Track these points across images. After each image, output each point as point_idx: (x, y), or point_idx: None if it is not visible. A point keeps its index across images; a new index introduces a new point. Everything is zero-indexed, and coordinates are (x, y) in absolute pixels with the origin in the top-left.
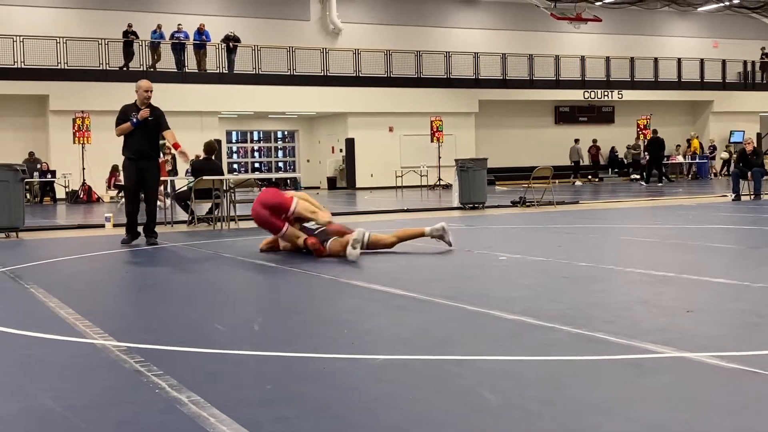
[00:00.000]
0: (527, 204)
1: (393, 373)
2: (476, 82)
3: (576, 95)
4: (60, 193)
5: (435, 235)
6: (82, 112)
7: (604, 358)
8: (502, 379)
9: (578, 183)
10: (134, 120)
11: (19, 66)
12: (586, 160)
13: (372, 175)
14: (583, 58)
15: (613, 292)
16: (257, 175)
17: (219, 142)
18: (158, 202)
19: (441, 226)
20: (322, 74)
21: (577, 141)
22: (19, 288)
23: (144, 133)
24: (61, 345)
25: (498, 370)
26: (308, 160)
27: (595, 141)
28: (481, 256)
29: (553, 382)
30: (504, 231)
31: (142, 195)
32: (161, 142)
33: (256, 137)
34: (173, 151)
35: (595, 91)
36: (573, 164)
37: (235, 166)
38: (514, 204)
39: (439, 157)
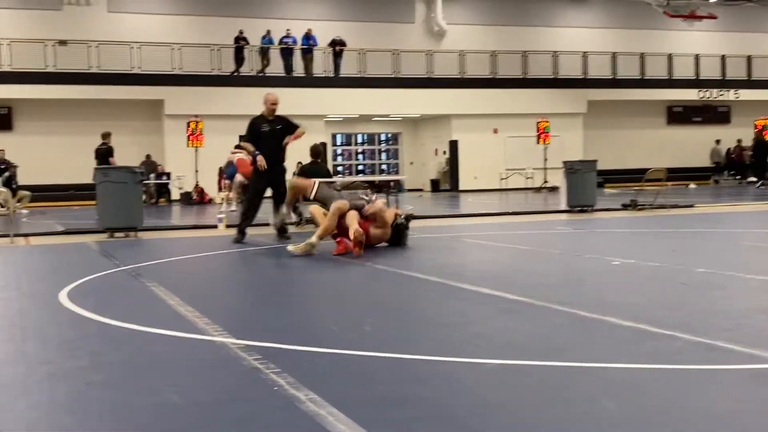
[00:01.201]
0: (639, 207)
1: (507, 379)
2: (584, 82)
3: (690, 95)
4: (174, 194)
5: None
6: (196, 116)
7: (727, 368)
8: (621, 388)
9: (692, 186)
10: (255, 155)
11: (136, 72)
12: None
13: (476, 178)
14: (697, 57)
15: (734, 299)
16: (362, 177)
17: (324, 145)
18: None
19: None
20: (427, 76)
21: (718, 142)
22: (140, 286)
23: (273, 142)
24: (183, 342)
25: (616, 379)
26: (411, 163)
27: (739, 141)
28: (592, 260)
29: (674, 392)
30: (615, 235)
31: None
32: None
33: (360, 140)
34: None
35: (710, 90)
36: (714, 165)
37: (340, 168)
38: (625, 207)
39: (545, 159)
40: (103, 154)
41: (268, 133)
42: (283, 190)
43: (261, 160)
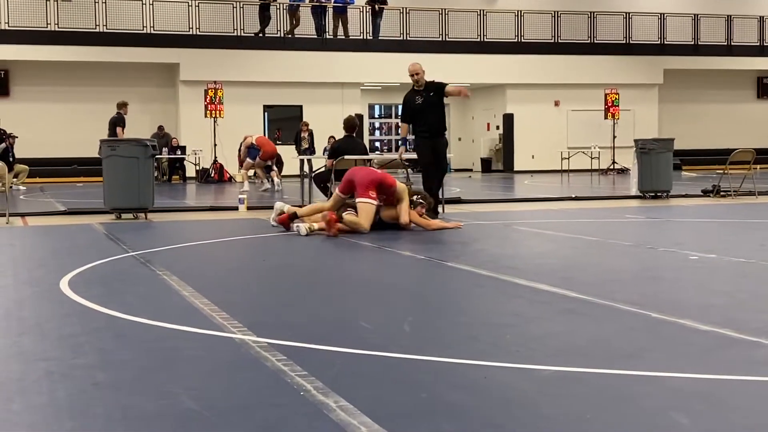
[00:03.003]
0: (722, 193)
1: (565, 388)
2: (661, 49)
3: None
4: (190, 171)
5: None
6: (215, 82)
7: None
8: (698, 401)
9: None
10: (401, 143)
11: (148, 32)
12: None
13: (533, 157)
14: None
15: None
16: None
17: (360, 117)
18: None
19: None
20: (478, 40)
21: None
22: (150, 274)
23: (431, 111)
24: (198, 338)
25: (692, 391)
26: (459, 139)
27: None
28: (667, 254)
29: (758, 408)
30: (694, 225)
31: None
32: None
33: (401, 112)
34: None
35: None
36: None
37: (377, 143)
38: (705, 193)
39: (614, 137)
40: (112, 123)
41: (422, 106)
42: (444, 165)
43: (401, 152)
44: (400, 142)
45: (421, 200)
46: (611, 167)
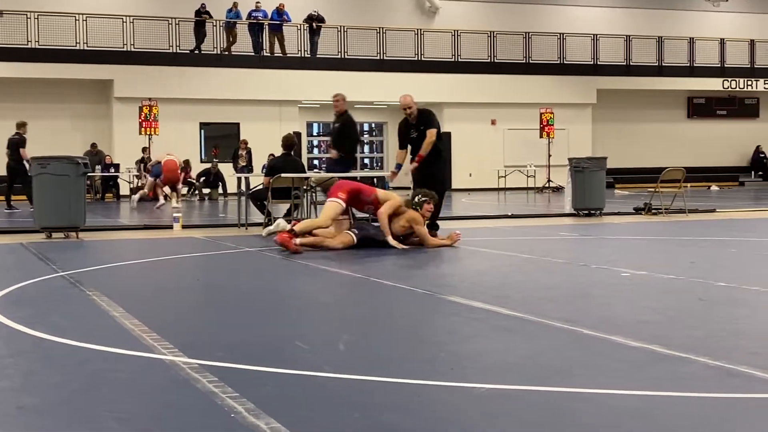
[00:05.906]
0: (653, 211)
1: (499, 406)
2: (594, 69)
3: (714, 84)
4: (124, 189)
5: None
6: (150, 99)
7: (748, 396)
8: (627, 418)
9: (714, 188)
10: (396, 169)
11: (82, 48)
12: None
13: (471, 175)
14: (722, 42)
15: (759, 318)
16: (341, 173)
17: (299, 135)
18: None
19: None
20: (416, 59)
21: None
22: (79, 295)
23: (419, 141)
24: (127, 360)
25: (622, 407)
26: None
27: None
28: (599, 271)
29: (688, 423)
30: (626, 243)
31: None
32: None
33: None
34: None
35: (737, 79)
36: None
37: (316, 162)
38: (637, 211)
39: (549, 156)
40: (14, 144)
41: (416, 139)
42: (440, 185)
43: (391, 176)
44: (395, 167)
45: (424, 198)
46: (546, 185)
